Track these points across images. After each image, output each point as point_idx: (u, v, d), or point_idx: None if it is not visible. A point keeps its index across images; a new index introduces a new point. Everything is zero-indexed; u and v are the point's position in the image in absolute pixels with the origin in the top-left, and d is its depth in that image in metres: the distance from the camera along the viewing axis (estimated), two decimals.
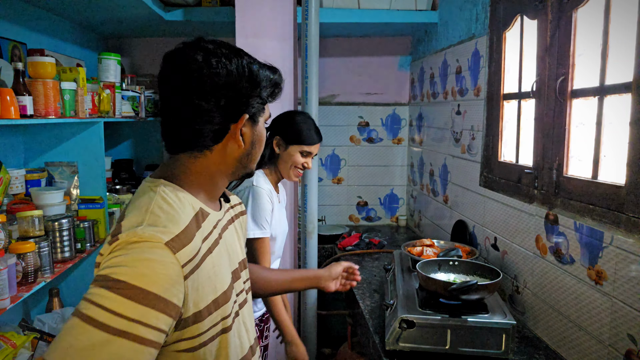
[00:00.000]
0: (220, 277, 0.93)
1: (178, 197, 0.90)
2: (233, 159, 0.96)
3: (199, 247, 0.86)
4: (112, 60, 2.43)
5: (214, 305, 0.90)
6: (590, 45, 1.52)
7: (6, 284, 1.50)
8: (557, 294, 1.60)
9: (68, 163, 2.22)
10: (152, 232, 0.80)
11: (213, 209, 0.98)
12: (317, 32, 2.51)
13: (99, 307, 0.74)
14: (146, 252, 0.78)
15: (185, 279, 0.82)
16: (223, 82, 0.89)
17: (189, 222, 0.87)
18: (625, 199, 1.30)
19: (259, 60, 0.97)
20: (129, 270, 0.76)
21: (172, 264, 0.79)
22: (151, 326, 0.76)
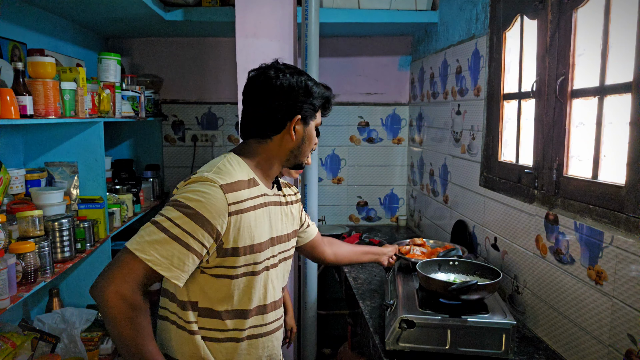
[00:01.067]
0: (259, 231, 1.23)
1: (239, 163, 1.25)
2: (287, 149, 1.30)
3: (245, 198, 1.19)
4: (112, 60, 2.43)
5: (249, 249, 1.20)
6: (590, 45, 1.52)
7: (6, 284, 1.50)
8: (557, 294, 1.60)
9: (68, 163, 2.22)
10: (214, 176, 1.16)
11: (265, 184, 1.30)
12: (317, 32, 2.51)
13: (165, 218, 1.10)
14: (206, 187, 1.13)
15: (230, 215, 1.14)
16: (284, 90, 1.24)
17: (242, 180, 1.20)
18: (625, 199, 1.30)
19: (315, 80, 1.32)
20: (192, 197, 1.12)
21: (222, 200, 1.13)
22: (197, 239, 1.10)
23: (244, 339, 1.25)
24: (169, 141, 3.47)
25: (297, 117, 1.26)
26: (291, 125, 1.27)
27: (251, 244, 1.20)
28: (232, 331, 1.23)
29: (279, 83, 1.25)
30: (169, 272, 1.08)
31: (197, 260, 1.13)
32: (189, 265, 1.11)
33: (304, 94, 1.27)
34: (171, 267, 1.08)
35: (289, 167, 1.35)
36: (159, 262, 1.07)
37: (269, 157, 1.31)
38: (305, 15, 2.48)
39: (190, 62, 3.40)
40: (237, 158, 1.27)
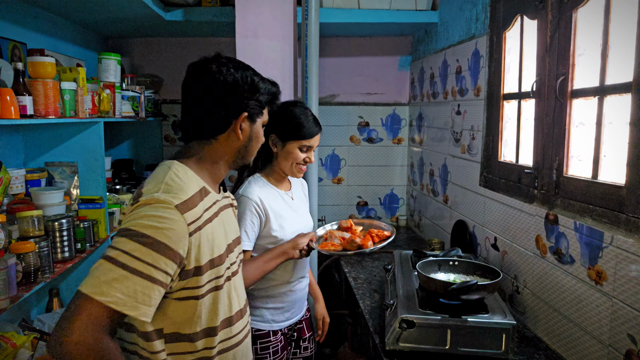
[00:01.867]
0: (217, 243, 1.15)
1: (187, 174, 1.14)
2: (233, 149, 1.21)
3: (201, 213, 1.10)
4: (112, 60, 2.43)
5: (210, 264, 1.12)
6: (590, 45, 1.52)
7: (6, 284, 1.50)
8: (557, 294, 1.60)
9: (68, 163, 2.22)
10: (166, 197, 1.04)
11: (214, 190, 1.22)
12: (317, 32, 2.51)
13: (121, 251, 0.98)
14: (160, 211, 1.02)
15: (190, 236, 1.05)
16: (229, 86, 1.15)
17: (194, 193, 1.10)
18: (625, 199, 1.30)
19: (261, 75, 1.24)
20: (147, 224, 1.00)
21: (181, 222, 1.03)
22: (160, 269, 0.99)
23: (215, 356, 1.18)
24: (169, 141, 3.47)
25: (244, 115, 1.18)
26: (237, 123, 1.17)
27: (211, 258, 1.12)
28: (202, 351, 1.15)
29: (223, 78, 1.15)
30: (135, 311, 0.97)
31: (163, 291, 1.02)
32: (155, 299, 1.00)
33: (250, 90, 1.19)
34: (137, 304, 0.97)
35: (236, 168, 1.28)
36: (122, 302, 0.95)
37: (215, 159, 1.21)
38: (305, 15, 2.48)
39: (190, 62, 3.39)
40: (184, 167, 1.15)
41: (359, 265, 2.52)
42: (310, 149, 1.72)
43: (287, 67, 2.45)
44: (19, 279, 1.63)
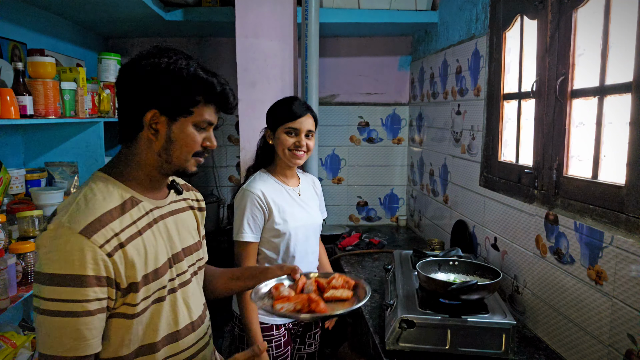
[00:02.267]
0: (152, 256, 1.06)
1: (106, 186, 1.05)
2: (153, 152, 1.08)
3: (121, 228, 1.01)
4: (112, 60, 2.43)
5: (145, 280, 1.04)
6: (590, 45, 1.52)
7: (6, 284, 1.50)
8: (557, 294, 1.60)
9: (68, 163, 2.22)
10: (69, 223, 0.95)
11: (152, 197, 1.12)
12: (317, 32, 2.51)
13: (41, 299, 0.94)
14: (63, 241, 0.94)
15: (110, 256, 0.97)
16: (141, 78, 1.03)
17: (109, 210, 1.01)
18: (625, 199, 1.30)
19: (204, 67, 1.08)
20: (52, 259, 0.93)
21: (88, 247, 0.94)
22: (90, 300, 0.94)
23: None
24: None
25: (151, 112, 1.04)
26: (146, 122, 1.05)
27: (145, 273, 1.04)
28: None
29: (137, 70, 1.04)
30: (90, 350, 0.95)
31: (105, 314, 0.99)
32: (101, 326, 0.98)
33: (167, 81, 1.03)
34: (88, 342, 0.95)
35: (170, 173, 1.13)
36: (75, 347, 0.93)
37: (140, 164, 1.09)
38: (305, 15, 2.48)
39: None
40: (104, 180, 1.06)
41: (358, 265, 2.52)
42: (298, 132, 1.72)
43: (287, 67, 2.45)
44: (19, 279, 1.63)
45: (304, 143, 1.73)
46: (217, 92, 1.08)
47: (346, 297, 1.24)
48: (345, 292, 1.25)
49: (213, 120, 1.11)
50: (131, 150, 1.09)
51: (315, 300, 1.17)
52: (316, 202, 1.94)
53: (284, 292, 1.23)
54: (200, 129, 1.09)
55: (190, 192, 1.32)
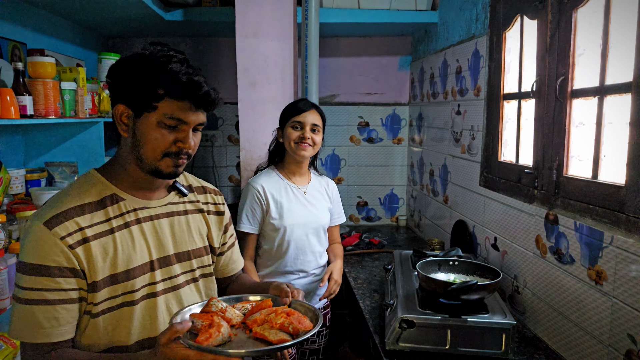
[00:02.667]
0: (125, 256, 1.04)
1: (88, 184, 1.06)
2: (127, 148, 1.06)
3: (88, 224, 1.00)
4: (112, 60, 2.42)
5: (112, 280, 1.02)
6: (590, 45, 1.52)
7: (6, 284, 1.50)
8: (557, 294, 1.60)
9: (68, 163, 2.22)
10: (39, 213, 1.00)
11: (140, 197, 1.10)
12: (317, 32, 2.51)
13: (19, 288, 0.98)
14: (32, 232, 0.98)
15: (73, 248, 0.98)
16: (112, 74, 1.05)
17: (81, 204, 1.02)
18: (625, 199, 1.30)
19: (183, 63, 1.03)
20: (25, 250, 0.98)
21: (50, 237, 0.96)
22: (52, 289, 0.96)
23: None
24: None
25: (120, 106, 1.02)
26: (116, 116, 1.04)
27: (113, 273, 1.02)
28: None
29: (114, 64, 1.05)
30: (48, 338, 0.97)
31: (73, 306, 0.99)
32: (65, 317, 0.98)
33: (132, 73, 1.01)
34: (45, 330, 0.97)
35: (150, 173, 1.06)
36: (32, 335, 0.97)
37: (122, 162, 1.08)
38: (305, 15, 2.48)
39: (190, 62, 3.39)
40: (90, 176, 1.08)
41: (358, 265, 2.52)
42: (303, 125, 1.82)
43: (287, 67, 2.45)
44: None
45: (308, 135, 1.81)
46: (181, 83, 0.99)
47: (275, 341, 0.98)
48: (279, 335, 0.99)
49: (185, 118, 1.01)
50: (119, 148, 1.10)
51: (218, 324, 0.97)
52: (325, 203, 1.98)
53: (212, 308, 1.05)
54: (169, 127, 1.01)
55: (208, 194, 1.26)
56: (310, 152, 1.85)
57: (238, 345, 0.99)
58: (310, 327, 1.03)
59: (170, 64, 1.00)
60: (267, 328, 1.01)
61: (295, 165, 1.90)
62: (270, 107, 2.41)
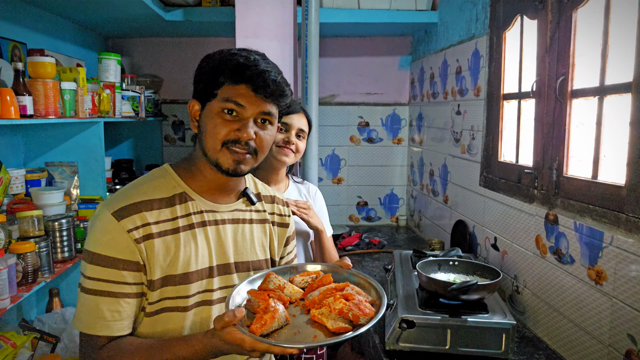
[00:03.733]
0: (185, 259, 1.01)
1: (160, 179, 1.05)
2: (197, 143, 1.06)
3: (155, 220, 0.99)
4: (112, 60, 2.43)
5: (169, 280, 1.00)
6: (590, 45, 1.52)
7: (6, 284, 1.50)
8: (557, 294, 1.60)
9: (68, 163, 2.22)
10: (108, 203, 0.98)
11: (210, 199, 1.07)
12: (317, 32, 2.51)
13: (84, 277, 0.97)
14: (101, 222, 0.97)
15: (138, 243, 0.96)
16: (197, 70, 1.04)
17: (151, 199, 1.00)
18: (625, 199, 1.30)
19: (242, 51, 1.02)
20: (92, 239, 0.97)
21: (117, 229, 0.95)
22: (117, 282, 0.95)
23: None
24: (169, 141, 3.47)
25: (192, 102, 1.04)
26: (190, 113, 1.05)
27: (171, 274, 1.00)
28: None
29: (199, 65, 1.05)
30: (109, 331, 0.96)
31: (133, 301, 0.98)
32: (127, 311, 0.98)
33: (201, 68, 1.03)
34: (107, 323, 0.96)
35: (211, 165, 1.03)
36: (92, 326, 0.96)
37: (195, 160, 1.07)
38: (305, 15, 2.48)
39: (190, 62, 3.40)
40: (166, 171, 1.07)
41: (358, 265, 2.52)
42: (289, 128, 1.66)
43: (287, 67, 2.45)
44: (19, 279, 1.63)
45: (293, 140, 1.66)
46: (238, 64, 0.97)
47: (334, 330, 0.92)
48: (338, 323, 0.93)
49: (242, 102, 0.98)
50: (194, 147, 1.09)
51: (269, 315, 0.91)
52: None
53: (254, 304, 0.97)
54: (228, 112, 0.99)
55: (275, 205, 1.22)
56: (291, 159, 1.67)
57: (295, 331, 0.94)
58: (371, 314, 0.96)
59: (233, 51, 1.00)
60: (326, 313, 0.95)
61: (271, 170, 1.70)
62: None
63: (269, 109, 1.01)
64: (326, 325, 0.94)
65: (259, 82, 0.97)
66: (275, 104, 1.03)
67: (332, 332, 0.93)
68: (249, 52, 1.01)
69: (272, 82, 0.98)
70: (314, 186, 1.88)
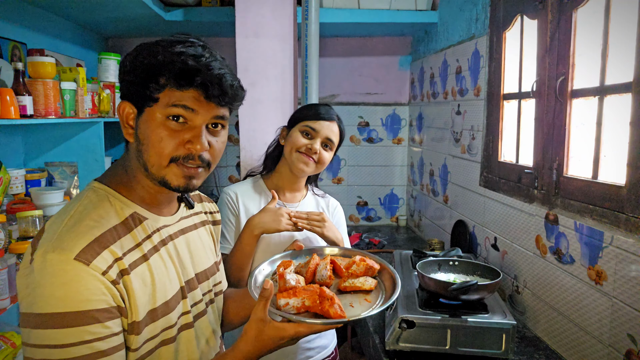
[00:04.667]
0: (161, 286, 0.87)
1: (103, 201, 0.86)
2: (133, 153, 0.88)
3: (122, 253, 0.82)
4: (112, 60, 2.43)
5: (152, 316, 0.85)
6: (590, 45, 1.52)
7: (6, 284, 1.50)
8: (557, 294, 1.60)
9: (68, 163, 2.22)
10: (62, 247, 0.76)
11: (158, 213, 0.93)
12: (317, 32, 2.51)
13: (35, 348, 0.74)
14: (57, 273, 0.75)
15: (116, 284, 0.79)
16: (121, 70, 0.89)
17: (107, 229, 0.82)
18: (625, 199, 1.30)
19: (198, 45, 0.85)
20: (42, 299, 0.74)
21: (89, 275, 0.76)
22: (97, 339, 0.76)
23: None
24: None
25: (123, 104, 0.87)
26: (121, 117, 0.87)
27: (152, 308, 0.85)
28: None
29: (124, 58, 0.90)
30: None
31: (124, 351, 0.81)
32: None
33: (133, 64, 0.85)
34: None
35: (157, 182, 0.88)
36: None
37: (131, 172, 0.90)
38: (305, 15, 2.48)
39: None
40: (100, 192, 0.87)
41: None
42: (315, 135, 1.47)
43: (287, 67, 2.45)
44: None
45: (317, 148, 1.47)
46: (187, 67, 0.80)
47: (369, 288, 1.01)
48: (368, 280, 1.04)
49: (193, 106, 0.82)
50: (127, 155, 0.91)
51: (329, 297, 0.90)
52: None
53: (290, 281, 0.98)
54: (175, 120, 0.82)
55: (204, 203, 1.12)
56: (311, 169, 1.49)
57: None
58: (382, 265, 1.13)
59: (176, 46, 0.82)
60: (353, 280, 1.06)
61: (289, 177, 1.54)
62: (271, 107, 2.41)
63: (223, 113, 0.87)
64: (363, 288, 1.02)
65: (213, 89, 0.82)
66: (229, 107, 0.89)
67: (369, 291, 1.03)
68: (194, 48, 0.83)
69: (230, 88, 0.84)
70: (336, 201, 1.71)
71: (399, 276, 1.09)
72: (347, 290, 1.04)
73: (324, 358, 1.60)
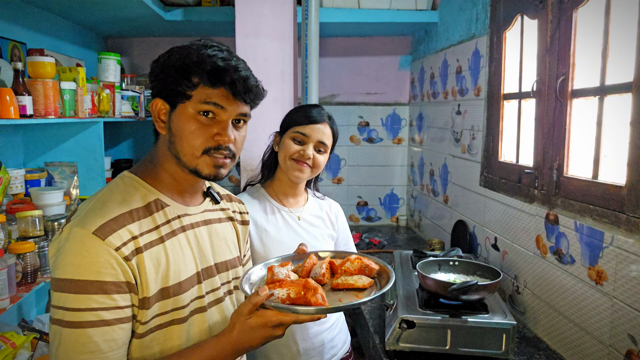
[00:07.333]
0: (176, 268, 0.96)
1: (129, 188, 0.97)
2: (164, 146, 0.99)
3: (139, 232, 0.91)
4: (112, 60, 2.43)
5: (163, 294, 0.93)
6: (591, 45, 1.52)
7: (6, 284, 1.50)
8: (558, 294, 1.60)
9: (68, 163, 2.22)
10: (83, 222, 0.87)
11: (182, 202, 1.03)
12: (317, 32, 2.51)
13: (57, 309, 0.85)
14: (78, 243, 0.86)
15: (128, 260, 0.88)
16: (151, 71, 0.99)
17: (129, 210, 0.92)
18: (625, 199, 1.30)
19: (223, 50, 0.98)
20: (69, 265, 0.85)
21: (103, 249, 0.86)
22: (108, 308, 0.86)
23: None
24: None
25: (157, 101, 0.97)
26: (153, 112, 0.98)
27: (165, 286, 0.93)
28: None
29: (156, 60, 1.00)
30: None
31: (128, 324, 0.90)
32: (123, 338, 0.89)
33: (168, 65, 0.95)
34: (105, 354, 0.86)
35: (188, 172, 0.98)
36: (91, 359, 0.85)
37: (161, 162, 1.00)
38: (305, 15, 2.48)
39: None
40: (131, 178, 0.99)
41: None
42: (306, 139, 1.45)
43: (287, 67, 2.45)
44: (19, 279, 1.63)
45: (309, 154, 1.44)
46: (218, 68, 0.93)
47: (362, 286, 1.03)
48: (362, 279, 1.05)
49: (222, 103, 0.94)
50: (155, 147, 1.01)
51: (313, 287, 0.93)
52: (325, 231, 1.60)
53: (279, 274, 1.01)
54: (206, 115, 0.94)
55: (234, 203, 1.20)
56: (307, 175, 1.47)
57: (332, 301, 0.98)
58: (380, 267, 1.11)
59: (207, 49, 0.95)
60: (346, 278, 1.06)
61: (289, 183, 1.52)
62: (270, 107, 2.40)
63: (246, 110, 1.01)
64: (355, 285, 1.03)
65: (240, 87, 0.95)
66: (251, 105, 1.03)
67: (362, 288, 1.02)
68: (222, 52, 0.97)
69: (254, 87, 0.99)
70: (336, 204, 1.70)
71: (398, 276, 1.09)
72: (339, 288, 1.05)
73: (346, 352, 1.65)
